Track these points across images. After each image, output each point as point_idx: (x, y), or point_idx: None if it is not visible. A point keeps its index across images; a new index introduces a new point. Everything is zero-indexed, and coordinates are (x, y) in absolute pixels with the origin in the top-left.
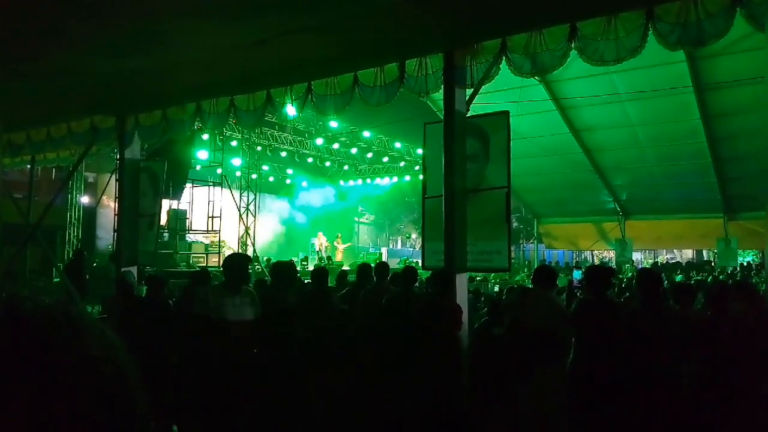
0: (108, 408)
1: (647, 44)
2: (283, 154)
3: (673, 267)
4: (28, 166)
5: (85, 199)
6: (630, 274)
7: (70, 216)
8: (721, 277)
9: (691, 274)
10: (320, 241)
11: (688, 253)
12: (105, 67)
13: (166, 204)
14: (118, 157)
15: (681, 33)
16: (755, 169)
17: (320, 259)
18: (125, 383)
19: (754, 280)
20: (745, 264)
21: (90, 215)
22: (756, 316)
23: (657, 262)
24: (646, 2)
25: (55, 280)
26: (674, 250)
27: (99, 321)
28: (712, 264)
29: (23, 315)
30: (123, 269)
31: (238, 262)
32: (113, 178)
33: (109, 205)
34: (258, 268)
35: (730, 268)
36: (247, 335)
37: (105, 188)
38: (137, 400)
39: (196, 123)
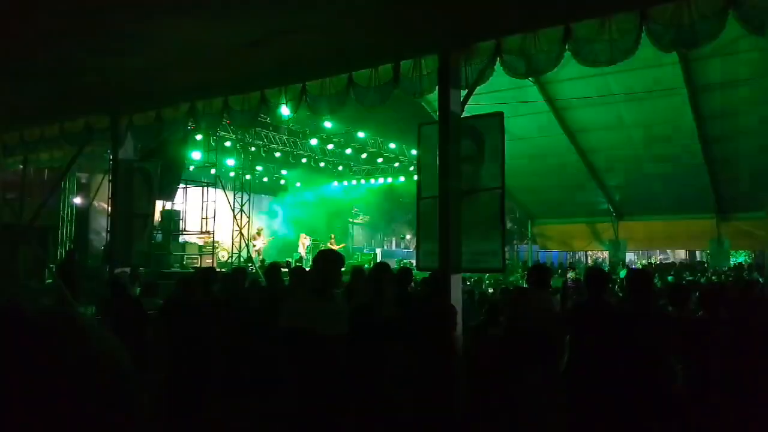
0: (109, 404)
1: (641, 46)
2: (278, 154)
3: (666, 268)
4: (21, 166)
5: (78, 200)
6: (622, 275)
7: (63, 216)
8: (713, 278)
9: (683, 275)
10: (303, 241)
11: (681, 254)
12: (98, 67)
13: (159, 204)
14: (111, 157)
15: (674, 35)
16: (747, 170)
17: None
18: (125, 381)
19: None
20: (736, 265)
21: (83, 216)
22: (752, 317)
23: (650, 262)
24: (640, 4)
25: (48, 281)
26: (667, 251)
27: (98, 323)
28: (705, 265)
29: (26, 317)
30: (116, 270)
31: (333, 259)
32: (107, 178)
33: (102, 206)
34: (252, 269)
35: (724, 269)
36: (344, 354)
37: (98, 189)
38: (136, 398)
39: (190, 123)
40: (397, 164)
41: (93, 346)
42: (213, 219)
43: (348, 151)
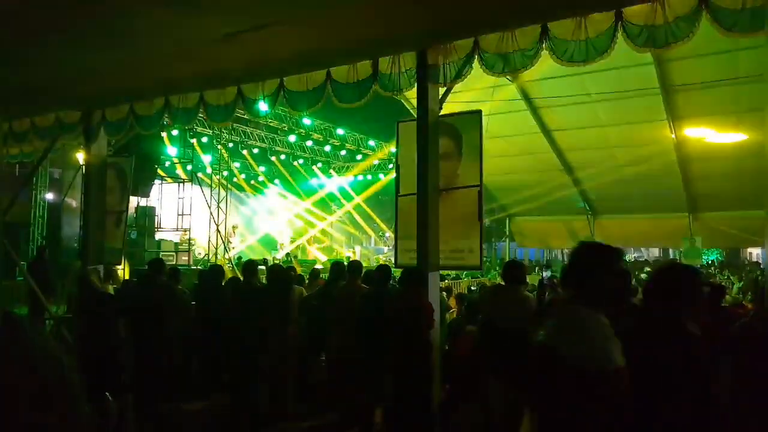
0: (50, 408)
1: (617, 46)
2: (256, 150)
3: (639, 265)
4: None
5: (49, 196)
6: None
7: (34, 213)
8: None
9: None
10: (281, 240)
11: (655, 252)
12: (69, 61)
13: (134, 201)
14: (84, 152)
15: (649, 35)
16: (720, 168)
17: (287, 256)
18: (67, 387)
19: (717, 278)
20: (709, 263)
21: (55, 212)
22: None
23: (624, 260)
24: (616, 4)
25: (19, 278)
26: (642, 249)
27: (42, 330)
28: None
29: None
30: (89, 267)
31: (598, 254)
32: (79, 174)
33: (75, 202)
34: (229, 266)
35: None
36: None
37: (71, 184)
38: (79, 403)
39: (165, 118)
40: (376, 161)
41: (32, 351)
42: (189, 216)
43: (327, 147)
